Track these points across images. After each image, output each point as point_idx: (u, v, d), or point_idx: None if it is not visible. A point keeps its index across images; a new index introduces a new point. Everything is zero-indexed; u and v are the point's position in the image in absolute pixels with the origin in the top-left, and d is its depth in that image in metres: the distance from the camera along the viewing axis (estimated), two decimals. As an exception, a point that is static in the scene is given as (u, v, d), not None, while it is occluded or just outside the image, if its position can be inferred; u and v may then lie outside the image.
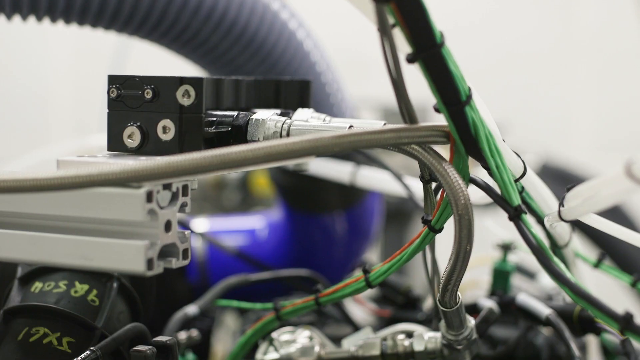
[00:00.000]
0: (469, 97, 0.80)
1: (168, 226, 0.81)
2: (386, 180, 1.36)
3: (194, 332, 1.20)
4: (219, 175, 2.55)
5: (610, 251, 1.83)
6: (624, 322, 0.75)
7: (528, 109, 3.83)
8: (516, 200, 0.83)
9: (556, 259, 0.81)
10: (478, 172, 0.90)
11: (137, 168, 0.75)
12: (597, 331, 1.12)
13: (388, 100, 2.44)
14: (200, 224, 1.75)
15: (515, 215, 0.82)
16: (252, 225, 1.76)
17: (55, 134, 4.12)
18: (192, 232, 1.51)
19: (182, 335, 1.19)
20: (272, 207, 1.90)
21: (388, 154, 1.92)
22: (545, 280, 1.51)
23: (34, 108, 4.19)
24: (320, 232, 1.66)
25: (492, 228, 1.28)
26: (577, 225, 1.14)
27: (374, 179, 1.41)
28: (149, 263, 0.79)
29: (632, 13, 3.67)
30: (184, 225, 1.51)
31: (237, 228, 1.76)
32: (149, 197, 0.78)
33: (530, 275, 1.54)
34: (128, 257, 0.79)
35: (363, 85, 2.43)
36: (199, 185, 2.60)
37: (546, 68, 3.93)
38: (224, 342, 1.59)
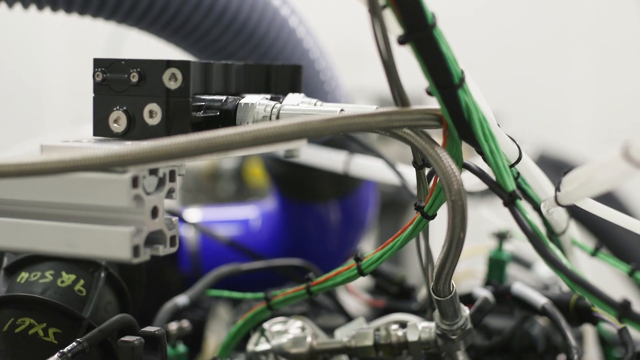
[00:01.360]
0: (462, 80, 0.78)
1: (155, 212, 0.79)
2: (379, 168, 1.34)
3: (185, 323, 1.18)
4: (213, 166, 2.54)
5: (607, 241, 1.81)
6: (622, 309, 0.73)
7: (525, 101, 3.81)
8: (511, 185, 0.81)
9: (552, 246, 0.79)
10: (475, 161, 0.88)
11: (121, 152, 0.73)
12: (594, 321, 1.10)
13: (384, 91, 2.42)
14: (193, 214, 1.73)
15: (509, 201, 0.80)
16: (246, 215, 1.75)
17: (51, 126, 4.10)
18: (181, 220, 1.49)
19: (173, 326, 1.17)
20: (267, 197, 1.89)
21: (384, 144, 1.90)
22: (542, 270, 1.49)
23: (29, 101, 4.17)
24: (314, 221, 1.64)
25: (488, 216, 1.26)
26: (574, 215, 1.12)
27: (367, 167, 1.39)
28: (135, 250, 0.77)
29: (630, 3, 3.65)
30: (176, 215, 1.49)
31: (230, 218, 1.75)
32: (135, 182, 0.76)
33: (526, 265, 1.52)
34: (113, 244, 0.77)
35: (359, 76, 2.41)
36: (194, 177, 2.59)
37: (543, 59, 3.92)
38: (217, 334, 1.58)
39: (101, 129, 0.89)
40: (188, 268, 1.61)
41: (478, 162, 0.87)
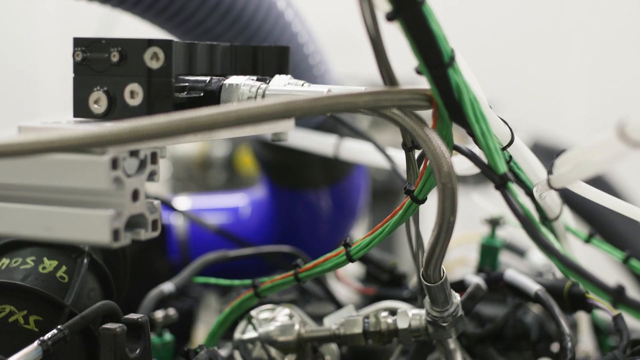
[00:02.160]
0: (452, 58, 0.76)
1: (135, 195, 0.77)
2: (370, 152, 1.31)
3: (171, 311, 1.16)
4: (204, 154, 2.52)
5: (601, 228, 1.80)
6: (616, 294, 0.71)
7: (520, 91, 3.79)
8: (502, 167, 0.78)
9: (545, 230, 0.77)
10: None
11: (99, 133, 0.71)
12: (588, 308, 1.08)
13: (377, 80, 2.41)
14: (182, 202, 1.71)
15: (501, 184, 0.78)
16: (235, 203, 1.73)
17: (44, 112, 4.07)
18: (170, 207, 1.47)
19: (159, 315, 1.15)
20: (257, 185, 1.87)
21: (376, 130, 1.88)
22: (536, 258, 1.47)
23: (22, 87, 4.14)
24: (304, 208, 1.62)
25: (480, 202, 1.23)
26: (567, 202, 1.10)
27: (357, 150, 1.36)
28: (115, 234, 0.75)
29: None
30: (166, 203, 1.47)
31: (219, 206, 1.73)
32: (114, 164, 0.74)
33: (519, 252, 1.50)
34: (93, 227, 0.75)
35: (352, 65, 2.39)
36: (184, 165, 2.57)
37: (538, 49, 3.90)
38: (207, 324, 1.56)
39: (81, 110, 0.86)
40: (177, 257, 1.59)
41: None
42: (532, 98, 3.83)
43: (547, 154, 0.93)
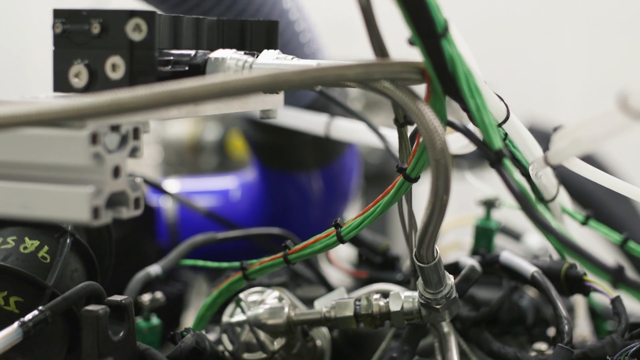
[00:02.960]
0: (446, 29, 0.73)
1: (117, 172, 0.74)
2: (362, 131, 1.28)
3: (159, 295, 1.13)
4: (195, 138, 2.50)
5: (597, 212, 1.78)
6: (616, 274, 0.68)
7: (514, 74, 3.76)
8: (497, 143, 0.76)
9: (541, 208, 0.74)
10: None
11: (78, 105, 0.68)
12: (586, 291, 1.05)
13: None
14: (172, 184, 1.68)
15: (496, 160, 0.75)
16: (225, 186, 1.70)
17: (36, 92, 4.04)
18: (159, 190, 1.44)
19: (146, 298, 1.13)
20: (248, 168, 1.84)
21: (371, 113, 1.85)
22: (532, 241, 1.45)
23: (13, 67, 4.11)
24: (295, 191, 1.59)
25: (474, 182, 1.20)
26: (563, 185, 1.08)
27: (349, 129, 1.33)
28: (95, 212, 0.72)
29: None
30: (155, 185, 1.45)
31: (209, 189, 1.70)
32: (94, 139, 0.71)
33: (515, 236, 1.48)
34: (71, 205, 0.72)
35: (347, 50, 2.36)
36: (175, 149, 2.54)
37: (533, 32, 3.87)
38: (197, 309, 1.53)
39: (61, 84, 0.83)
40: (166, 240, 1.56)
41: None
42: (527, 82, 3.80)
43: (544, 138, 0.91)
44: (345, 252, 1.39)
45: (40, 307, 0.87)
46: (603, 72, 3.76)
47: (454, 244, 1.39)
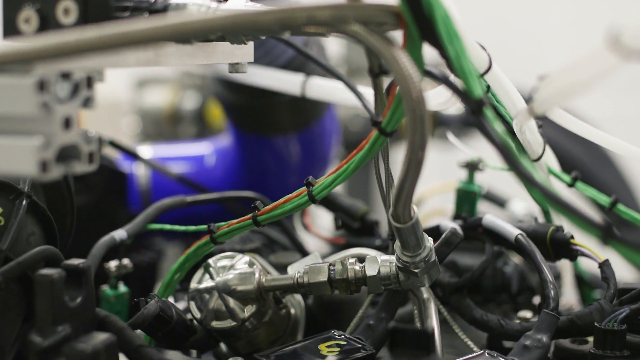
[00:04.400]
0: (422, -32, 0.68)
1: (67, 123, 0.68)
2: (339, 89, 1.23)
3: (125, 261, 1.08)
4: (173, 107, 2.44)
5: (584, 178, 1.74)
6: (605, 230, 0.63)
7: (499, 46, 3.72)
8: (477, 91, 0.70)
9: (524, 161, 0.69)
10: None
11: (22, 48, 0.63)
12: (573, 255, 1.00)
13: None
14: (145, 150, 1.63)
15: (476, 109, 0.70)
16: (200, 152, 1.65)
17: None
18: (132, 156, 1.39)
19: (112, 265, 1.07)
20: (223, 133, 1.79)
21: (354, 80, 1.78)
22: (516, 207, 1.40)
23: None
24: (272, 156, 1.54)
25: (456, 143, 1.15)
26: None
27: (325, 88, 1.27)
28: (43, 165, 0.67)
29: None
30: (127, 151, 1.39)
31: (183, 155, 1.64)
32: (41, 86, 0.66)
33: (499, 202, 1.43)
34: (18, 158, 0.67)
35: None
36: (153, 119, 2.48)
37: (518, 2, 3.83)
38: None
39: (10, 30, 0.78)
40: (138, 207, 1.51)
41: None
42: (512, 52, 3.76)
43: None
44: (327, 221, 1.34)
45: (-7, 272, 0.82)
46: (590, 42, 3.72)
47: (437, 210, 1.34)
